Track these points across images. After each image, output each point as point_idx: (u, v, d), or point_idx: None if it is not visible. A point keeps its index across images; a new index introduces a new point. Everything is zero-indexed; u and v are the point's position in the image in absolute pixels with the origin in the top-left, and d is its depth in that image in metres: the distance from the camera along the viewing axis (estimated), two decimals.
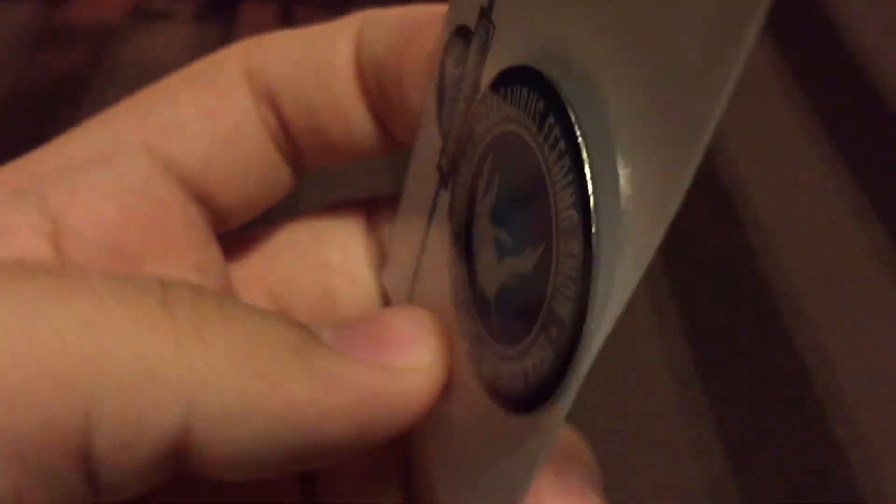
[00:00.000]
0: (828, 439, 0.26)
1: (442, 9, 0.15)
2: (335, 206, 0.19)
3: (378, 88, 0.16)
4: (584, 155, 0.09)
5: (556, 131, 0.10)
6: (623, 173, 0.09)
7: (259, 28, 0.20)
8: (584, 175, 0.09)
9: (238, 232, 0.18)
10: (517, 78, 0.11)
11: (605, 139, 0.09)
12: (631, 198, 0.09)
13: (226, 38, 0.41)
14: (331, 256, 0.18)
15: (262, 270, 0.18)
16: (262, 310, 0.14)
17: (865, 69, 0.39)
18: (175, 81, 0.17)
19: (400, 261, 0.16)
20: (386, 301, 0.16)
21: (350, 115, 0.16)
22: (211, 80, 0.17)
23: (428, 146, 0.15)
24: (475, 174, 0.12)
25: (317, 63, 0.16)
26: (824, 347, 0.28)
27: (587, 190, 0.09)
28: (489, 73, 0.12)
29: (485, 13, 0.12)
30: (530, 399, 0.11)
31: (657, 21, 0.08)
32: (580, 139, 0.09)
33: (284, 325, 0.14)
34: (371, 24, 0.16)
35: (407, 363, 0.14)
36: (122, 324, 0.13)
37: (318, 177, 0.20)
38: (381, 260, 0.18)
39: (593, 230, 0.09)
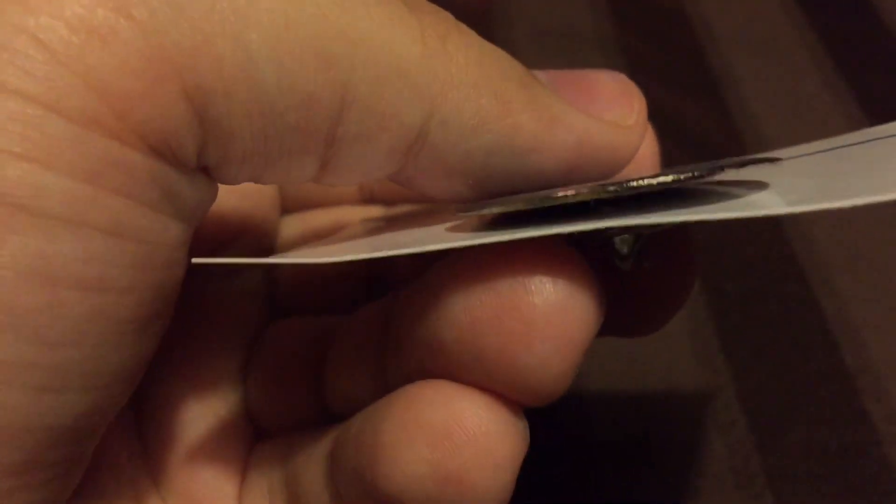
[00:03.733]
0: (859, 415, 0.24)
1: None
2: None
3: None
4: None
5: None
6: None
7: None
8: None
9: None
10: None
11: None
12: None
13: None
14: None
15: None
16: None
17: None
18: None
19: None
20: None
21: None
22: None
23: None
24: None
25: None
26: (854, 318, 0.27)
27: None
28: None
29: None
30: None
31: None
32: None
33: (510, 58, 0.15)
34: None
35: (614, 118, 0.15)
36: (376, 14, 0.13)
37: None
38: None
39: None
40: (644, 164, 0.18)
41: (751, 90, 0.35)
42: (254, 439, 0.18)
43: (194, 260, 0.14)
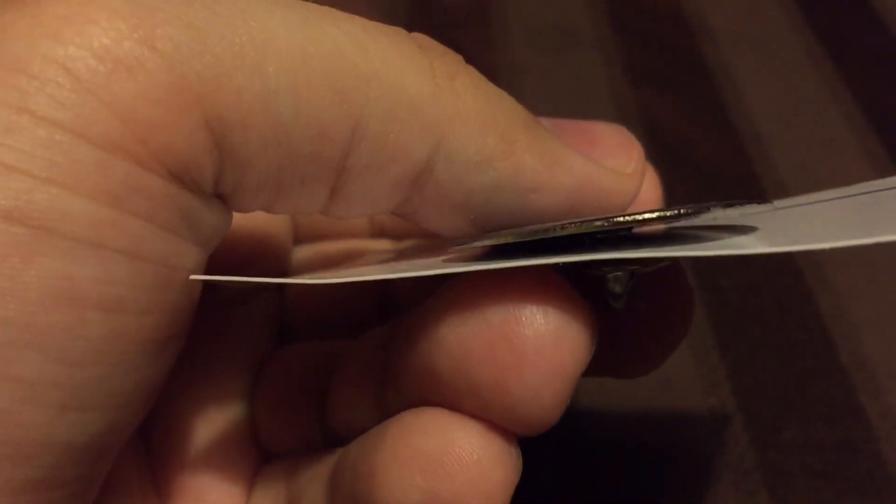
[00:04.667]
0: (854, 411, 0.24)
1: None
2: None
3: None
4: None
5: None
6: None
7: None
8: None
9: None
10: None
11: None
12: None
13: None
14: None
15: None
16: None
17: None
18: None
19: None
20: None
21: None
22: None
23: None
24: None
25: None
26: (850, 314, 0.27)
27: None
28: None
29: None
30: None
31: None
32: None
33: (515, 101, 0.15)
34: None
35: (613, 165, 0.16)
36: (388, 52, 0.14)
37: None
38: None
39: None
40: (648, 207, 0.19)
41: (747, 88, 0.35)
42: (260, 461, 0.18)
43: (192, 277, 0.14)
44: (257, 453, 0.18)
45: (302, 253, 0.21)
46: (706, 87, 0.35)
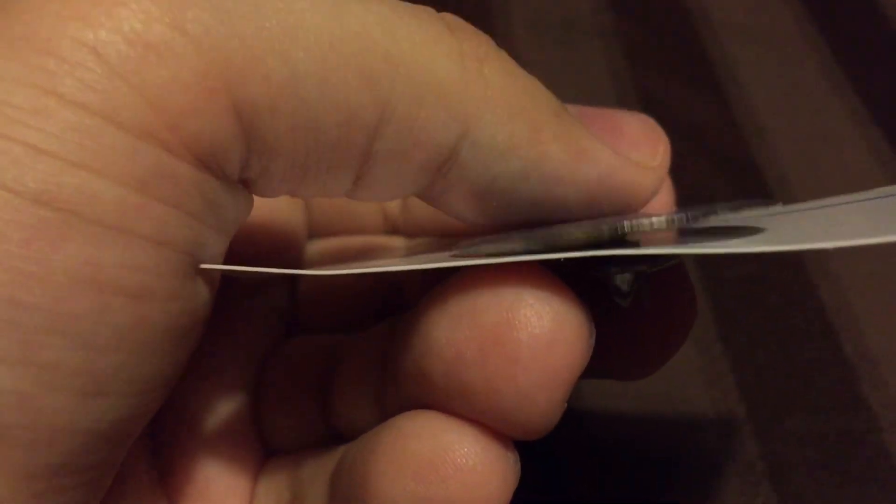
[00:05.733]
0: (857, 402, 0.24)
1: None
2: None
3: None
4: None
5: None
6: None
7: None
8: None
9: None
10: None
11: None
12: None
13: None
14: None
15: None
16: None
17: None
18: None
19: None
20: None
21: None
22: None
23: None
24: None
25: None
26: (853, 306, 0.27)
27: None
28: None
29: None
30: None
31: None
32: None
33: (543, 88, 0.15)
34: None
35: (638, 158, 0.15)
36: (417, 34, 0.14)
37: None
38: None
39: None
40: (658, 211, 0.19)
41: (749, 80, 0.35)
42: (264, 455, 0.18)
43: (203, 266, 0.14)
44: (262, 447, 0.18)
45: (315, 247, 0.21)
46: (709, 79, 0.35)
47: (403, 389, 0.15)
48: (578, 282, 0.14)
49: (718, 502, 0.22)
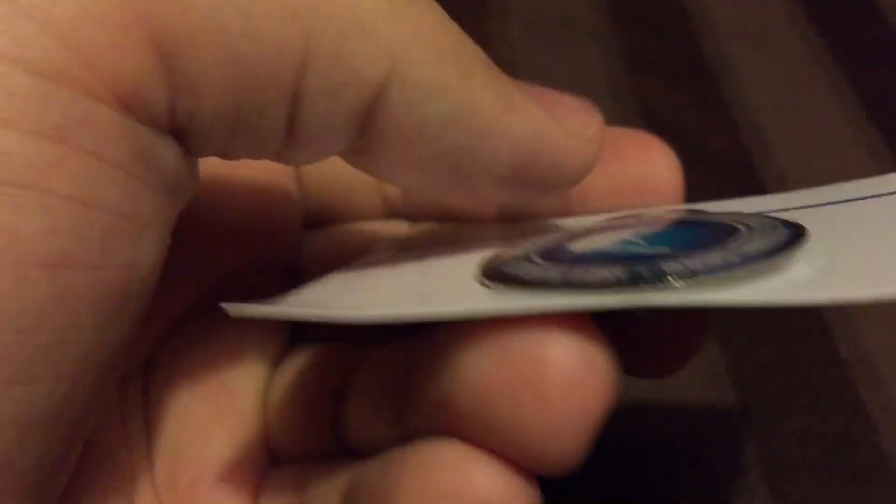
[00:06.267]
0: (855, 404, 0.24)
1: None
2: None
3: None
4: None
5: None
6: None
7: None
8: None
9: None
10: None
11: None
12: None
13: None
14: None
15: None
16: None
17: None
18: None
19: None
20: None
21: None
22: None
23: None
24: None
25: None
26: (851, 307, 0.27)
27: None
28: None
29: None
30: None
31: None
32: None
33: (473, 42, 0.15)
34: None
35: (573, 126, 0.15)
36: None
37: None
38: None
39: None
40: (668, 196, 0.18)
41: (747, 81, 0.35)
42: (268, 464, 0.18)
43: (223, 304, 0.14)
44: (267, 456, 0.18)
45: (313, 239, 0.20)
46: (706, 79, 0.35)
47: (427, 414, 0.15)
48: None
49: (717, 503, 0.22)
